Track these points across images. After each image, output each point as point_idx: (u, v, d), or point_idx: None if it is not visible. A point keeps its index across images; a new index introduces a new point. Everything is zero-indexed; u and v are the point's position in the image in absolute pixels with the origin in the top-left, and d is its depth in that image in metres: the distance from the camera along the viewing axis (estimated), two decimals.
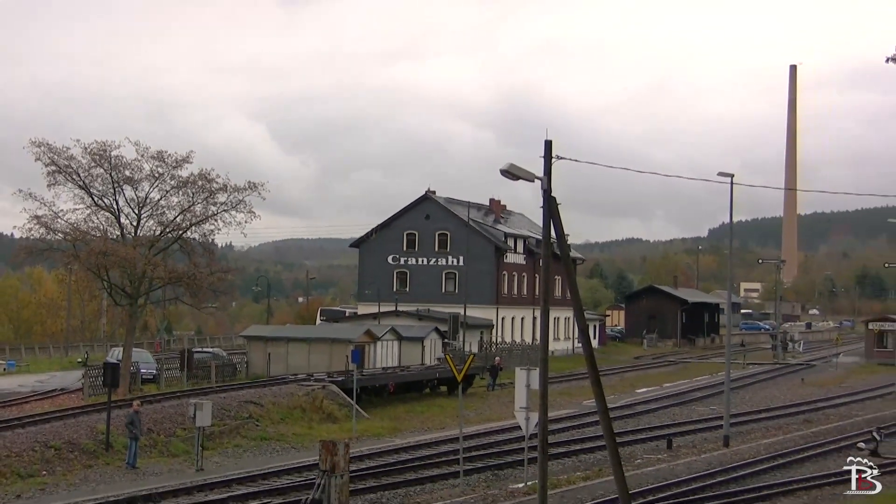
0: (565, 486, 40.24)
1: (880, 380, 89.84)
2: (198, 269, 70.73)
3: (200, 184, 70.59)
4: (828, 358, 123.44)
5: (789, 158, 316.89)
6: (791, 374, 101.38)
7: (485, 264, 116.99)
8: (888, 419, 62.84)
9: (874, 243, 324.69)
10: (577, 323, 30.85)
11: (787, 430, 60.07)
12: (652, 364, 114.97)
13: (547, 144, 28.92)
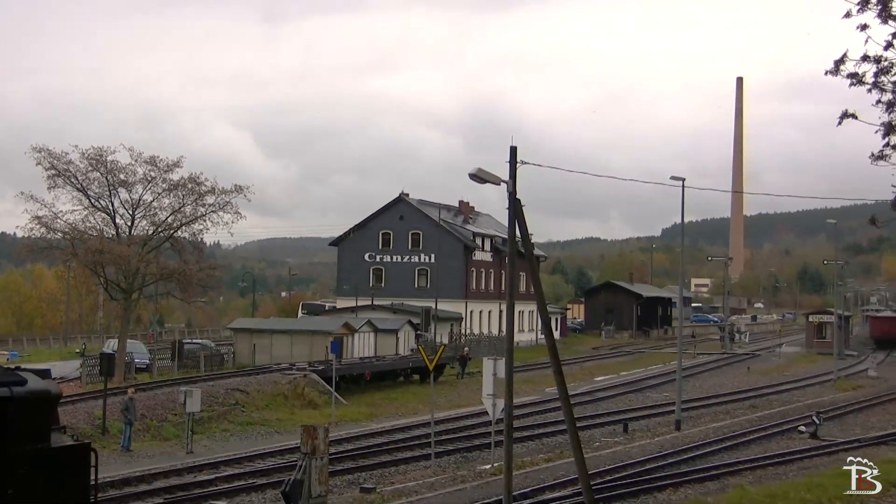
0: (529, 468, 40.30)
1: (819, 368, 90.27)
2: (188, 265, 70.87)
3: (190, 187, 70.80)
4: (771, 348, 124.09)
5: (736, 163, 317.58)
6: (738, 363, 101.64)
7: (454, 261, 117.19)
8: (827, 404, 63.16)
9: (814, 242, 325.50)
10: (541, 316, 30.90)
11: (734, 414, 60.29)
12: (609, 354, 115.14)
13: (512, 150, 28.96)
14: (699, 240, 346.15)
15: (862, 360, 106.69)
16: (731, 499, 35.56)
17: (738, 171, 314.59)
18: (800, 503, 35.49)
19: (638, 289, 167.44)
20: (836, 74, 21.37)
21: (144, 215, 71.24)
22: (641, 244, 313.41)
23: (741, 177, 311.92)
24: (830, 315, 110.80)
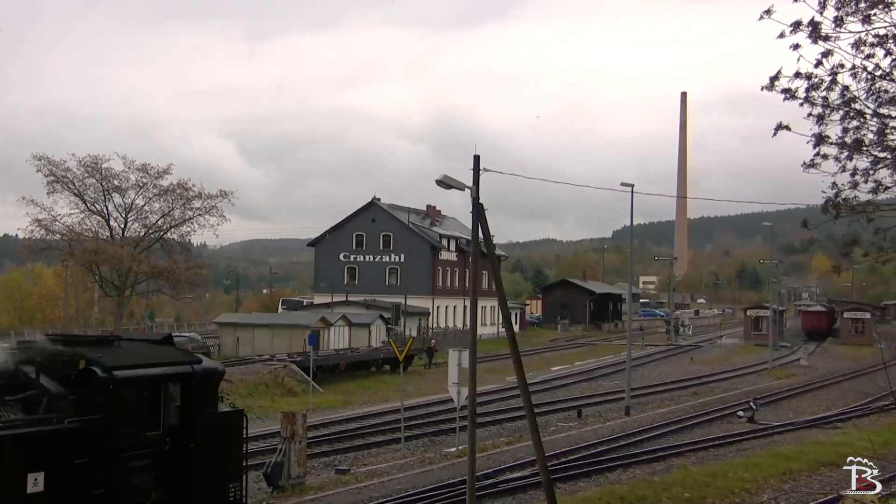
0: (491, 450, 40.32)
1: (756, 358, 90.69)
2: (176, 265, 71.44)
3: (179, 192, 71.35)
4: (713, 340, 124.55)
5: (680, 170, 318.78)
6: (682, 354, 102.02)
7: (422, 261, 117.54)
8: (762, 391, 63.49)
9: (751, 243, 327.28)
10: (501, 311, 30.88)
11: (679, 401, 60.46)
12: (565, 346, 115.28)
13: (475, 158, 28.97)
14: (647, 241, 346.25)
15: (794, 350, 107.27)
16: (675, 478, 35.68)
17: (682, 178, 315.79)
18: (738, 481, 35.69)
19: (591, 286, 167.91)
20: (771, 90, 21.41)
21: (136, 218, 71.87)
22: (594, 245, 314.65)
23: (685, 183, 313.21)
24: (766, 310, 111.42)
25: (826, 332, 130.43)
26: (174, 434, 20.64)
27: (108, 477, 18.86)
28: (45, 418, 18.40)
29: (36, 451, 17.76)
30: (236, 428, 22.73)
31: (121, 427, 19.31)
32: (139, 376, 20.18)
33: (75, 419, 18.43)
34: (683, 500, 32.62)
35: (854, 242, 22.44)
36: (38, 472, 17.61)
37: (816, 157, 21.57)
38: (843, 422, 52.03)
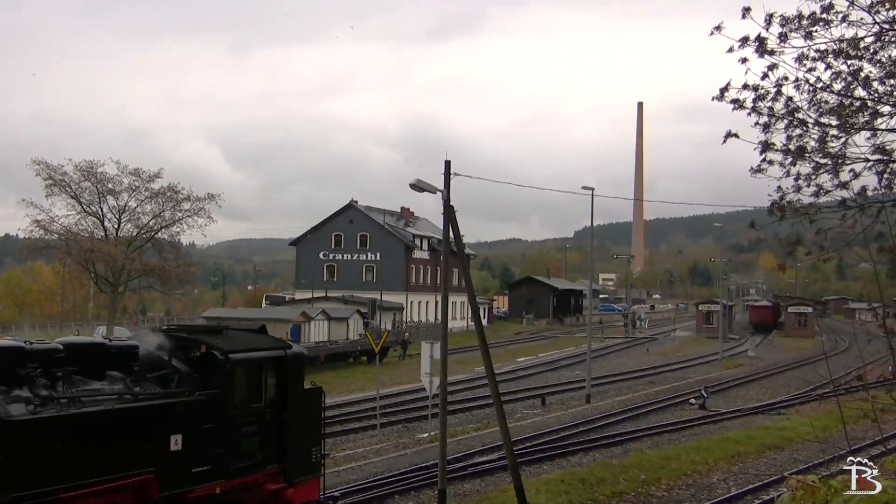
0: (461, 436, 40.38)
1: (707, 349, 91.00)
2: (167, 263, 71.54)
3: (169, 194, 71.45)
4: (667, 333, 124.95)
5: (637, 174, 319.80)
6: (638, 346, 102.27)
7: (397, 259, 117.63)
8: (713, 380, 63.74)
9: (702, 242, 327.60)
10: (471, 305, 30.93)
11: (636, 389, 60.61)
12: (530, 338, 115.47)
13: (446, 163, 28.99)
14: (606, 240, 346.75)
15: (743, 342, 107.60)
16: (632, 461, 35.79)
17: (638, 182, 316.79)
18: (690, 464, 35.83)
19: (554, 282, 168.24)
20: (721, 100, 21.48)
21: (129, 219, 71.97)
22: (557, 244, 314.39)
23: (642, 186, 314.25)
24: (716, 304, 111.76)
25: (772, 326, 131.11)
26: (272, 406, 23.61)
27: (226, 439, 21.86)
28: (179, 391, 21.40)
29: (175, 417, 20.83)
30: (317, 402, 25.45)
31: (234, 400, 22.36)
32: (247, 358, 23.14)
33: (201, 392, 21.52)
34: (639, 481, 32.70)
35: (797, 242, 22.56)
36: (177, 434, 20.68)
37: (763, 163, 21.68)
38: (786, 408, 52.31)
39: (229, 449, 21.93)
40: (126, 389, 20.37)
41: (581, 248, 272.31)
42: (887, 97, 22.05)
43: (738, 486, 32.73)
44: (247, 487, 22.72)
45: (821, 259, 24.11)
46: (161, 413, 20.55)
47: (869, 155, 21.94)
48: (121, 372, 20.72)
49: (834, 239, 22.39)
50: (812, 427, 39.16)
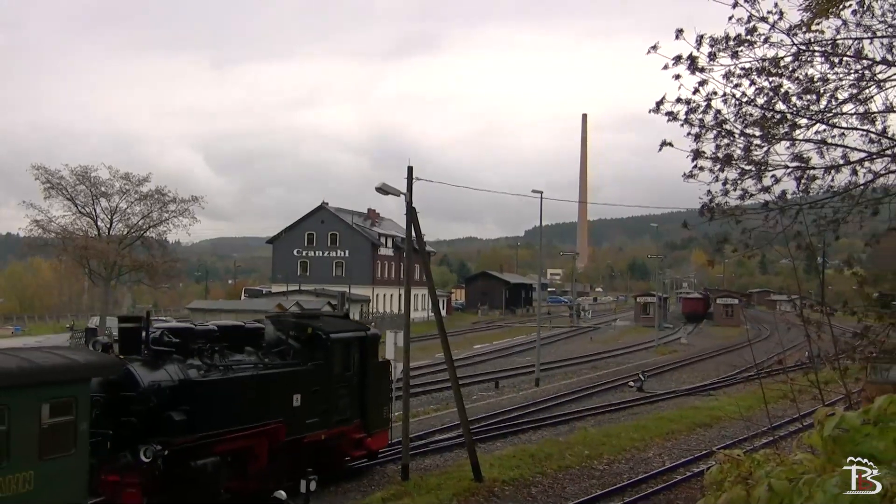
0: (422, 416, 40.35)
1: (645, 337, 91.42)
2: (154, 259, 71.40)
3: (156, 197, 71.33)
4: (608, 322, 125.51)
5: (582, 179, 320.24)
6: (583, 334, 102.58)
7: (364, 256, 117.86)
8: (649, 365, 63.99)
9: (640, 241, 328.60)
10: (431, 298, 30.94)
11: (580, 373, 60.81)
12: (485, 328, 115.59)
13: (409, 169, 29.00)
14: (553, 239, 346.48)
15: (676, 331, 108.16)
16: (577, 438, 35.89)
17: (583, 186, 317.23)
18: (629, 440, 35.97)
19: (506, 277, 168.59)
20: (657, 112, 21.60)
21: (120, 219, 71.74)
22: (509, 242, 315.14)
23: (586, 190, 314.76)
24: (652, 296, 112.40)
25: (702, 316, 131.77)
26: (357, 374, 28.30)
27: (328, 399, 26.60)
28: (294, 363, 26.04)
29: (295, 381, 25.57)
30: (386, 372, 30.65)
31: (333, 369, 27.08)
32: (342, 338, 27.88)
33: (310, 364, 26.26)
34: (583, 456, 32.81)
35: (725, 240, 22.70)
36: (297, 394, 25.50)
37: (694, 169, 21.80)
38: (715, 390, 52.64)
39: (330, 406, 26.75)
40: (259, 360, 24.84)
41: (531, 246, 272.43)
42: (804, 111, 22.20)
43: (671, 460, 32.91)
44: (341, 435, 27.46)
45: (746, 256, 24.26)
46: (286, 378, 25.42)
47: (788, 162, 22.10)
48: (253, 347, 25.28)
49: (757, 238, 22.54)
50: (737, 407, 39.41)
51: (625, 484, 28.88)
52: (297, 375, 25.71)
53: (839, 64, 21.95)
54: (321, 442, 26.40)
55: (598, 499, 26.98)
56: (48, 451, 16.85)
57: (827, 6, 21.42)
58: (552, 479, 29.52)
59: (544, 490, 28.29)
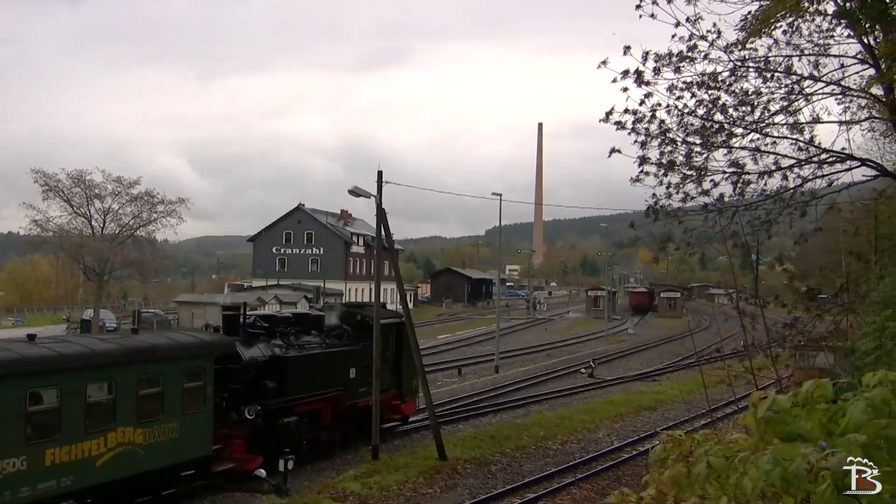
0: None
1: (595, 328, 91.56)
2: (144, 256, 72.06)
3: (145, 198, 71.69)
4: (562, 314, 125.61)
5: (538, 183, 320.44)
6: (538, 325, 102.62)
7: (337, 253, 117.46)
8: (600, 353, 64.22)
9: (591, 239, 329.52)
10: (399, 292, 30.94)
11: (536, 361, 60.89)
12: (449, 319, 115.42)
13: (379, 173, 28.99)
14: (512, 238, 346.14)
15: (624, 322, 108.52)
16: (533, 420, 36.00)
17: (539, 189, 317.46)
18: (580, 422, 36.13)
19: (468, 273, 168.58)
20: (606, 122, 21.71)
21: (112, 219, 72.14)
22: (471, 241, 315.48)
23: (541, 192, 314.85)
24: (602, 290, 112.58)
25: (647, 308, 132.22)
26: (394, 353, 32.57)
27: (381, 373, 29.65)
28: (349, 343, 30.38)
29: (352, 358, 29.75)
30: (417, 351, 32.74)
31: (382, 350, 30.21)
32: (386, 323, 31.61)
33: (361, 344, 30.09)
34: (539, 437, 32.92)
35: (668, 239, 22.85)
36: (353, 367, 29.66)
37: (641, 174, 21.94)
38: (659, 376, 52.93)
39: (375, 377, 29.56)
40: (322, 341, 28.94)
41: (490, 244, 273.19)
42: (740, 121, 22.38)
43: (619, 440, 33.08)
44: (384, 401, 30.65)
45: (687, 253, 24.51)
46: (345, 355, 29.63)
47: (725, 168, 22.26)
48: (316, 331, 29.35)
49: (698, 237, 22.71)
50: (679, 391, 39.64)
51: (577, 462, 29.01)
52: (352, 353, 29.95)
53: (771, 79, 22.16)
54: (367, 406, 29.48)
55: (553, 476, 27.09)
56: (187, 408, 22.30)
57: (760, 27, 21.61)
58: (510, 458, 29.61)
59: (503, 468, 28.37)
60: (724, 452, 3.20)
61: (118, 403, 20.16)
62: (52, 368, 18.74)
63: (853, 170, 23.22)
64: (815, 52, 22.32)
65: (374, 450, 28.36)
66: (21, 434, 17.79)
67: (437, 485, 25.93)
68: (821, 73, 22.34)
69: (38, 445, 18.11)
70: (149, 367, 21.49)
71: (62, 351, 19.46)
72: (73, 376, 19.23)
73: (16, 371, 17.87)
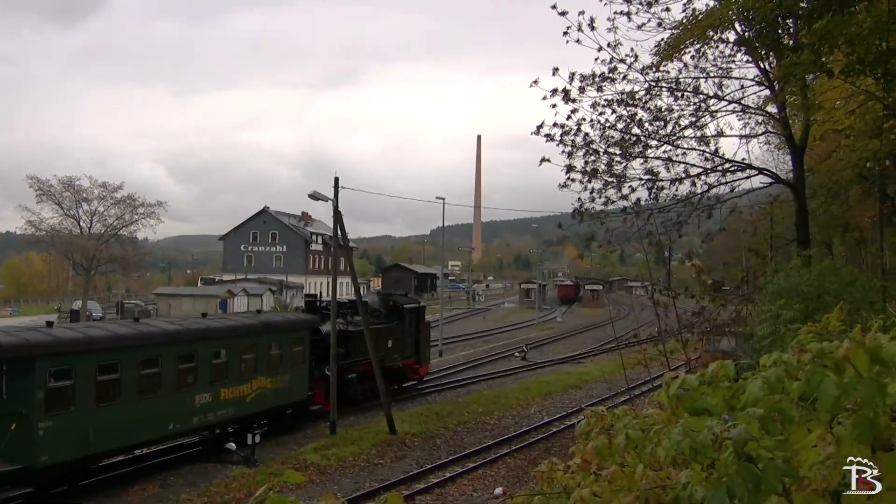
0: None
1: (528, 317, 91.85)
2: (127, 253, 73.01)
3: (128, 202, 73.11)
4: (498, 305, 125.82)
5: (476, 188, 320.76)
6: (477, 315, 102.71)
7: (299, 251, 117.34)
8: (532, 339, 64.39)
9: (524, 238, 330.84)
10: (353, 285, 30.88)
11: (475, 346, 60.93)
12: None
13: (336, 179, 28.87)
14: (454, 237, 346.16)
15: (553, 311, 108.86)
16: (473, 399, 36.08)
17: (478, 193, 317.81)
18: (515, 400, 36.25)
19: (415, 268, 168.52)
20: (538, 134, 21.87)
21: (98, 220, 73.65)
22: (417, 239, 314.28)
23: (480, 196, 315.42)
24: (534, 283, 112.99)
25: (574, 299, 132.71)
26: (415, 329, 37.79)
27: (403, 343, 36.61)
28: (386, 322, 35.75)
29: (388, 333, 35.26)
30: (428, 328, 40.80)
31: (405, 325, 36.83)
32: (411, 307, 38.25)
33: (394, 322, 36.17)
34: (478, 413, 33.01)
35: (592, 238, 23.05)
36: (390, 339, 35.28)
37: (568, 181, 22.17)
38: (584, 359, 53.14)
39: (404, 347, 36.64)
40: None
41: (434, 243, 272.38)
42: (654, 134, 22.64)
43: (549, 416, 33.24)
44: (408, 365, 37.46)
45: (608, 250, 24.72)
46: (384, 331, 34.77)
47: (642, 175, 22.56)
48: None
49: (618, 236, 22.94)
50: (601, 372, 39.88)
51: (511, 435, 29.12)
52: (389, 329, 35.47)
53: (681, 97, 22.48)
54: (399, 368, 36.50)
55: (490, 447, 27.18)
56: (294, 365, 28.91)
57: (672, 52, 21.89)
58: (453, 432, 29.66)
59: (447, 441, 28.42)
60: (641, 426, 3.23)
61: (258, 360, 26.77)
62: (226, 335, 25.85)
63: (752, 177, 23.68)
64: (719, 74, 22.67)
65: (332, 425, 28.28)
66: (208, 378, 24.48)
67: (388, 456, 25.93)
68: (724, 93, 22.71)
69: (217, 385, 24.83)
70: (274, 336, 28.02)
71: (229, 324, 27.00)
72: (235, 341, 26.10)
73: (214, 336, 25.19)
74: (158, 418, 22.39)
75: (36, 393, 18.77)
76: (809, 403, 2.65)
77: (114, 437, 21.00)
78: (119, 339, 21.65)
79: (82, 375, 19.99)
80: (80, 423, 19.77)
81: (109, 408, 20.71)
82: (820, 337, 3.15)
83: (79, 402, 19.83)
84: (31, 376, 18.78)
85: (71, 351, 19.89)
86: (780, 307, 16.56)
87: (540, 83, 20.93)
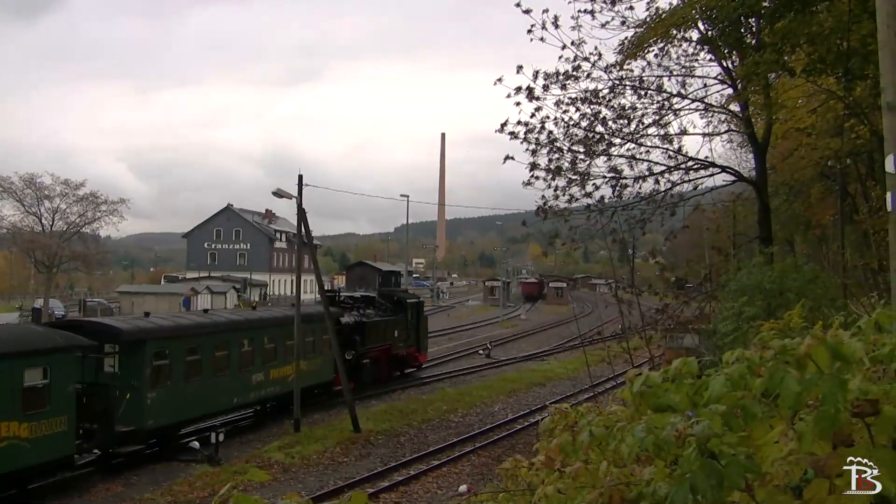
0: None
1: (492, 315, 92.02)
2: (89, 251, 72.59)
3: (90, 199, 72.20)
4: (462, 302, 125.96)
5: (440, 185, 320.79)
6: (442, 312, 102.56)
7: (263, 248, 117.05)
8: (496, 337, 64.46)
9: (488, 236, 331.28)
10: (318, 283, 30.78)
11: (440, 343, 60.81)
12: None
13: (299, 177, 28.79)
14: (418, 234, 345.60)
15: (517, 309, 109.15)
16: (437, 396, 36.09)
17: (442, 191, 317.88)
18: (479, 397, 36.29)
19: (379, 265, 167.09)
20: (502, 132, 21.89)
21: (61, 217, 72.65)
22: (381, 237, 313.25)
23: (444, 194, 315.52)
24: (498, 281, 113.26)
25: (538, 296, 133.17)
26: (415, 321, 42.02)
27: (406, 333, 40.73)
28: (392, 315, 39.64)
29: (394, 324, 39.46)
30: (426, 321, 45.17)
31: (408, 318, 40.92)
32: (413, 302, 42.71)
33: (399, 315, 40.09)
34: (442, 411, 33.02)
35: (556, 236, 23.13)
36: (396, 330, 39.44)
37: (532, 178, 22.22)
38: (548, 356, 53.33)
39: (407, 337, 40.90)
40: (375, 313, 38.23)
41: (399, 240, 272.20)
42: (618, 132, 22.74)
43: (513, 413, 33.34)
44: (409, 353, 41.63)
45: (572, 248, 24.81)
46: (391, 323, 39.22)
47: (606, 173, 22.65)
48: (370, 307, 38.93)
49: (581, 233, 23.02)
50: (565, 369, 40.10)
51: (476, 432, 29.18)
52: (394, 321, 39.67)
53: (645, 96, 22.61)
54: (402, 355, 40.78)
55: (455, 445, 27.21)
56: (322, 351, 33.18)
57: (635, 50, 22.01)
58: (417, 430, 29.65)
59: (411, 438, 28.40)
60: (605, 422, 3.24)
61: (298, 346, 29.76)
62: (274, 324, 30.95)
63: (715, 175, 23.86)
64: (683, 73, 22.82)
65: (296, 423, 28.20)
66: (262, 360, 29.23)
67: (352, 454, 25.88)
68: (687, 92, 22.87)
69: (267, 366, 29.40)
70: (309, 325, 31.91)
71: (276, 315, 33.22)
72: (281, 329, 30.59)
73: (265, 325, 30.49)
74: (227, 392, 27.21)
75: (145, 370, 23.48)
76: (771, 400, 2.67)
77: (196, 407, 25.55)
78: (200, 326, 26.82)
79: (175, 356, 24.78)
80: (174, 394, 24.45)
81: (193, 382, 25.44)
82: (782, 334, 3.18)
83: (174, 378, 24.61)
84: (143, 356, 23.43)
85: (168, 336, 24.82)
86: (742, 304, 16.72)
87: (504, 81, 20.96)
